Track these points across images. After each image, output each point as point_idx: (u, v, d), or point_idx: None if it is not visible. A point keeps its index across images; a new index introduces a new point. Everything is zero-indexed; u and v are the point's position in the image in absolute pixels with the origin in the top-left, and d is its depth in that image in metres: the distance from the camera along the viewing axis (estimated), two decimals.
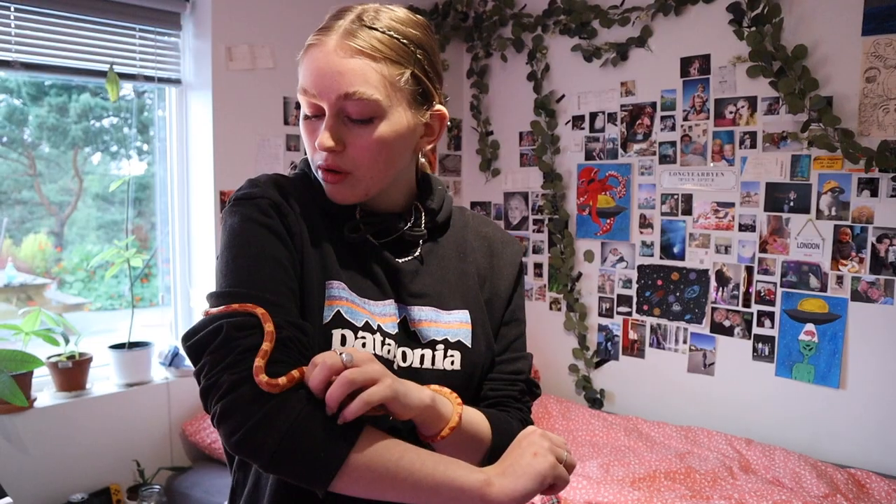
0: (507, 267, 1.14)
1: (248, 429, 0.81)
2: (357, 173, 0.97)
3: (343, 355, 0.83)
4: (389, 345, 0.98)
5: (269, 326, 0.85)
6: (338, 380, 0.81)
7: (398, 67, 0.96)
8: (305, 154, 1.05)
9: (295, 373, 0.83)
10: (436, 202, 1.09)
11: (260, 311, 0.87)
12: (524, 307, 1.17)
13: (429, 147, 1.06)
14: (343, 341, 0.95)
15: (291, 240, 0.96)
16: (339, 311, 0.95)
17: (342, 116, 0.95)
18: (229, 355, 0.84)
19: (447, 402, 0.94)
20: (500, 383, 1.09)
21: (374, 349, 0.96)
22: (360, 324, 0.96)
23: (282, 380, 0.82)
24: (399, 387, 0.85)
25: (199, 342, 0.87)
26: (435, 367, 1.01)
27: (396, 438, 0.88)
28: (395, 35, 0.96)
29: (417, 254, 1.06)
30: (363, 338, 0.96)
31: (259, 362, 0.82)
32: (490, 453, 1.00)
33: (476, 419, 1.00)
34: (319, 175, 0.99)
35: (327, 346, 0.94)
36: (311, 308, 0.94)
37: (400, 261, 1.04)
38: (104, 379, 2.77)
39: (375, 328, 0.97)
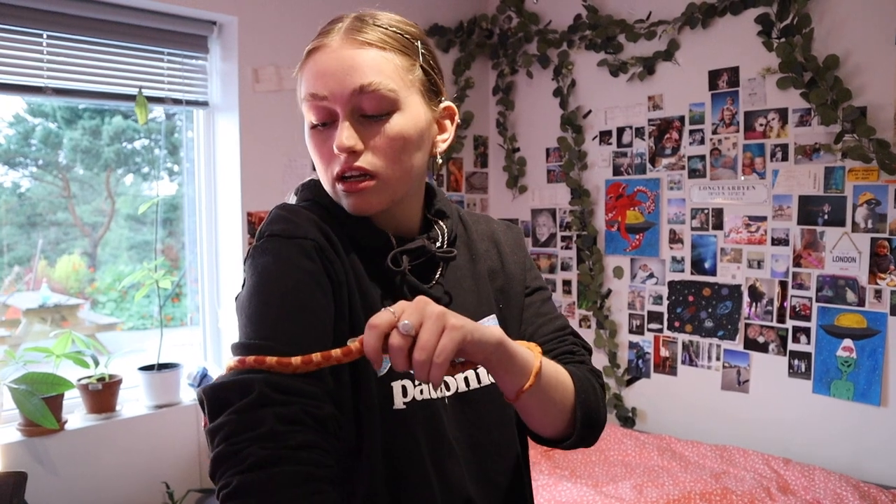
0: (513, 252, 1.12)
1: None
2: (381, 175, 0.91)
3: (402, 325, 0.73)
4: None
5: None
6: (416, 366, 0.73)
7: (407, 59, 0.94)
8: (310, 178, 1.02)
9: (316, 356, 0.76)
10: (447, 212, 1.06)
11: (296, 363, 0.77)
12: (541, 277, 1.14)
13: (444, 147, 1.01)
14: (405, 393, 0.91)
15: (337, 289, 0.88)
16: None
17: (357, 115, 0.90)
18: (263, 424, 0.73)
19: (523, 347, 0.86)
20: (547, 345, 1.03)
21: (430, 394, 0.93)
22: None
23: (295, 359, 0.74)
24: (468, 326, 0.77)
25: (221, 398, 0.77)
26: (482, 385, 0.99)
27: None
28: (398, 31, 0.94)
29: (439, 275, 1.02)
30: (420, 384, 0.92)
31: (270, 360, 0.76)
32: (577, 412, 0.94)
33: (558, 370, 0.93)
34: (339, 188, 0.92)
35: (388, 400, 0.90)
36: (364, 359, 0.89)
37: (428, 287, 1.00)
38: (134, 401, 2.78)
39: None
